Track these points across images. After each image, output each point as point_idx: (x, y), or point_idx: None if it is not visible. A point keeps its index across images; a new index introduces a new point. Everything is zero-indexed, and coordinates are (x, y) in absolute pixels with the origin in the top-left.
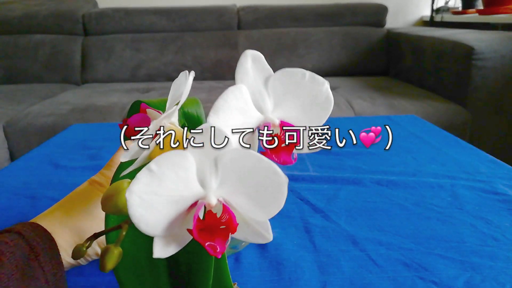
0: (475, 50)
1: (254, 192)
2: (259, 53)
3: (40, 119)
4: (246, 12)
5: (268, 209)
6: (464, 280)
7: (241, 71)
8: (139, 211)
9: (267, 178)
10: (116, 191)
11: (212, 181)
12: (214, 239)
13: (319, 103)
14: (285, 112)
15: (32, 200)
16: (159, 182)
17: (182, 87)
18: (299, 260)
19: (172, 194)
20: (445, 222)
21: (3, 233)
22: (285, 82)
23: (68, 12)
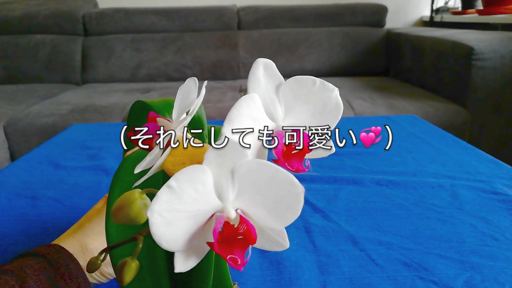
0: (475, 50)
1: (271, 203)
2: (271, 61)
3: (40, 119)
4: (246, 12)
5: (284, 218)
6: (464, 279)
7: (253, 79)
8: (160, 230)
9: (284, 189)
10: (127, 202)
11: (230, 193)
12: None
13: (329, 109)
14: (296, 119)
15: (32, 200)
16: (179, 199)
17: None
18: (299, 260)
19: (191, 209)
20: (445, 222)
21: (29, 256)
22: (295, 89)
23: (69, 12)
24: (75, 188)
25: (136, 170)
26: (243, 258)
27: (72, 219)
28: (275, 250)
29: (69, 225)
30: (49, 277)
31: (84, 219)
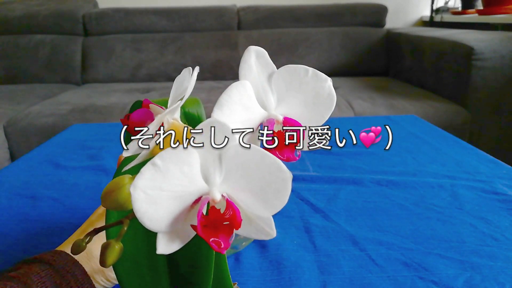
0: (475, 50)
1: (258, 188)
2: (263, 49)
3: (41, 119)
4: (246, 12)
5: (272, 205)
6: (464, 279)
7: (245, 67)
8: (143, 207)
9: (271, 174)
10: (116, 186)
11: (216, 176)
12: (218, 235)
13: (321, 99)
14: (288, 108)
15: (32, 200)
16: (163, 177)
17: (186, 83)
18: (299, 260)
19: (176, 189)
20: (445, 222)
21: (34, 262)
22: (288, 78)
23: (69, 12)
24: (75, 188)
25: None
26: (227, 243)
27: (72, 219)
28: (262, 238)
29: (69, 225)
30: (55, 283)
31: (86, 224)
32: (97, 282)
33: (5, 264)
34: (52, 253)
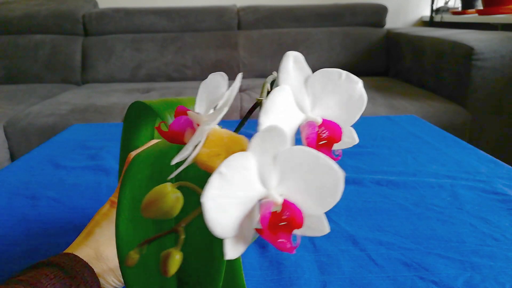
0: (475, 50)
1: (312, 188)
2: (300, 54)
3: (40, 119)
4: (246, 12)
5: (325, 203)
6: (464, 279)
7: (284, 71)
8: (214, 216)
9: (324, 174)
10: (160, 195)
11: (272, 179)
12: (278, 236)
13: (353, 101)
14: (323, 110)
15: (32, 200)
16: (229, 185)
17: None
18: (299, 260)
19: (240, 195)
20: (445, 222)
21: (43, 266)
22: (323, 81)
23: (68, 12)
24: (75, 188)
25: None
26: (291, 242)
27: (72, 219)
28: (316, 235)
29: (69, 225)
30: (65, 285)
31: (92, 224)
32: (108, 282)
33: (5, 264)
34: (60, 255)
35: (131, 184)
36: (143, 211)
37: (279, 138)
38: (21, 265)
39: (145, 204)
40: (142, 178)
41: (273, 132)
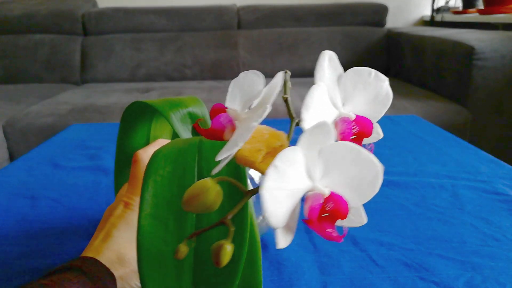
0: (476, 50)
1: (352, 181)
2: (334, 53)
3: (40, 119)
4: (246, 11)
5: (364, 195)
6: (464, 280)
7: (319, 69)
8: (271, 207)
9: (365, 168)
10: (202, 190)
11: (317, 173)
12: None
13: (380, 98)
14: (353, 107)
15: (31, 200)
16: (282, 178)
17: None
18: (299, 260)
19: (291, 187)
20: (445, 222)
21: (65, 270)
22: (354, 79)
23: (68, 11)
24: (75, 188)
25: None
26: (336, 232)
27: (72, 219)
28: (355, 226)
29: (68, 225)
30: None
31: (109, 226)
32: (130, 285)
33: (5, 264)
34: (81, 260)
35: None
36: (185, 205)
37: (326, 133)
38: (20, 265)
39: (187, 198)
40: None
41: (321, 127)
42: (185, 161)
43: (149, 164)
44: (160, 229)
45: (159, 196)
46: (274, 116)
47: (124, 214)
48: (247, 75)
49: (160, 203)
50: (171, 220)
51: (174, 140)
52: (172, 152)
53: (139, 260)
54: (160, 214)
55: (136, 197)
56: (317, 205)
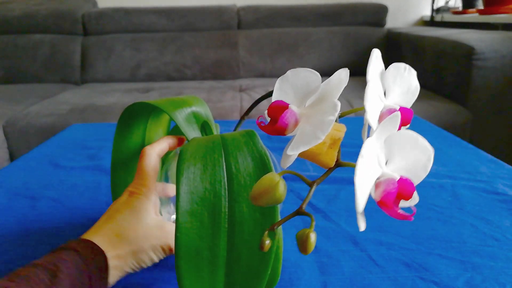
0: (476, 50)
1: (410, 165)
2: (379, 50)
3: (40, 119)
4: (246, 12)
5: (418, 177)
6: (464, 280)
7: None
8: (361, 194)
9: (420, 152)
10: (271, 185)
11: (383, 160)
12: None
13: (411, 90)
14: (392, 98)
15: (31, 200)
16: (366, 166)
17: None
18: (299, 260)
19: (370, 174)
20: (445, 222)
21: (61, 250)
22: (394, 74)
23: (68, 11)
24: (75, 188)
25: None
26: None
27: (72, 219)
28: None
29: (69, 225)
30: (80, 270)
31: (113, 211)
32: (127, 265)
33: (5, 264)
34: (78, 241)
35: (187, 177)
36: (255, 200)
37: (395, 124)
38: (20, 265)
39: (258, 194)
40: (195, 172)
41: (394, 119)
42: (213, 158)
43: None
44: (196, 225)
45: (193, 192)
46: None
47: (129, 201)
48: (298, 72)
49: (195, 199)
50: (205, 215)
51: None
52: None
53: (177, 257)
54: (196, 210)
55: (142, 187)
56: (393, 189)
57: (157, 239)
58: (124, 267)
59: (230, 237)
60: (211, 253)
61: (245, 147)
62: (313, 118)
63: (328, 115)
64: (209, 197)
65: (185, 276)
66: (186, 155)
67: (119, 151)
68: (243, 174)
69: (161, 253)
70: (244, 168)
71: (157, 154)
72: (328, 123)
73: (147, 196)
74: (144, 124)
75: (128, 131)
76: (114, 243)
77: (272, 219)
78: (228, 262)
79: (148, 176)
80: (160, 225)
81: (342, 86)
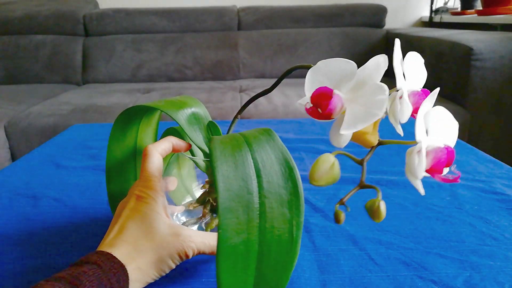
0: (474, 50)
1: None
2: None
3: (41, 120)
4: (246, 13)
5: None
6: (463, 279)
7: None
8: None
9: (449, 126)
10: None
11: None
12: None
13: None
14: (411, 83)
15: (33, 200)
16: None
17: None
18: (299, 259)
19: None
20: (444, 221)
21: (82, 263)
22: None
23: (69, 12)
24: (76, 188)
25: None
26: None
27: (73, 218)
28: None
29: (70, 225)
30: (102, 284)
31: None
32: (149, 275)
33: (6, 264)
34: (98, 254)
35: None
36: (318, 181)
37: (433, 101)
38: (22, 264)
39: (319, 175)
40: (229, 169)
41: (434, 96)
42: (241, 156)
43: (212, 160)
44: (233, 221)
45: (230, 190)
46: (273, 116)
47: (137, 206)
48: (330, 62)
49: (231, 196)
50: (241, 211)
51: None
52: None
53: (219, 253)
54: (233, 207)
55: (148, 190)
56: (443, 156)
57: (174, 247)
58: (145, 278)
59: (261, 232)
60: (245, 248)
61: (267, 144)
62: (360, 100)
63: (378, 95)
64: (243, 194)
65: (223, 270)
66: (216, 152)
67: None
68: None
69: (178, 260)
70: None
71: (159, 153)
72: (381, 101)
73: (155, 199)
74: (137, 126)
75: (123, 134)
76: (132, 255)
77: (297, 213)
78: (259, 256)
79: (154, 178)
80: (175, 231)
81: (382, 71)
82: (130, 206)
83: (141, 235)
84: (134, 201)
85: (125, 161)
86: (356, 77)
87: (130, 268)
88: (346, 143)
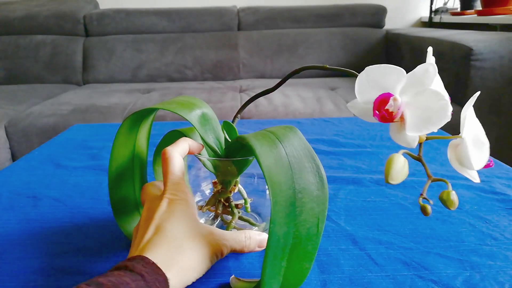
0: (474, 50)
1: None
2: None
3: (41, 120)
4: (246, 13)
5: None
6: (463, 279)
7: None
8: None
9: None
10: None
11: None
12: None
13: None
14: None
15: (33, 200)
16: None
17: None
18: None
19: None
20: (444, 221)
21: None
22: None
23: (69, 13)
24: (76, 188)
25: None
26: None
27: (74, 218)
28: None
29: (71, 224)
30: None
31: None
32: (189, 278)
33: (6, 264)
34: (143, 263)
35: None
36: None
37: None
38: (22, 264)
39: (395, 174)
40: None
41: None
42: (279, 152)
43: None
44: (280, 215)
45: (277, 184)
46: (273, 117)
47: (172, 208)
48: (376, 69)
49: (278, 191)
50: (283, 206)
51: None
52: (266, 146)
53: (268, 246)
54: (279, 201)
55: (179, 193)
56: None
57: (212, 246)
58: (185, 281)
59: (296, 226)
60: (285, 241)
61: (295, 141)
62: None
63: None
64: (286, 189)
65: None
66: (257, 149)
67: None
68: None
69: (215, 259)
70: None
71: (180, 154)
72: (445, 104)
73: (188, 201)
74: (138, 128)
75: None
76: (174, 256)
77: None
78: (291, 248)
79: (180, 180)
80: (210, 231)
81: (432, 76)
82: (162, 209)
83: (182, 235)
84: (166, 204)
85: (126, 164)
86: (405, 80)
87: (172, 273)
88: (417, 142)
